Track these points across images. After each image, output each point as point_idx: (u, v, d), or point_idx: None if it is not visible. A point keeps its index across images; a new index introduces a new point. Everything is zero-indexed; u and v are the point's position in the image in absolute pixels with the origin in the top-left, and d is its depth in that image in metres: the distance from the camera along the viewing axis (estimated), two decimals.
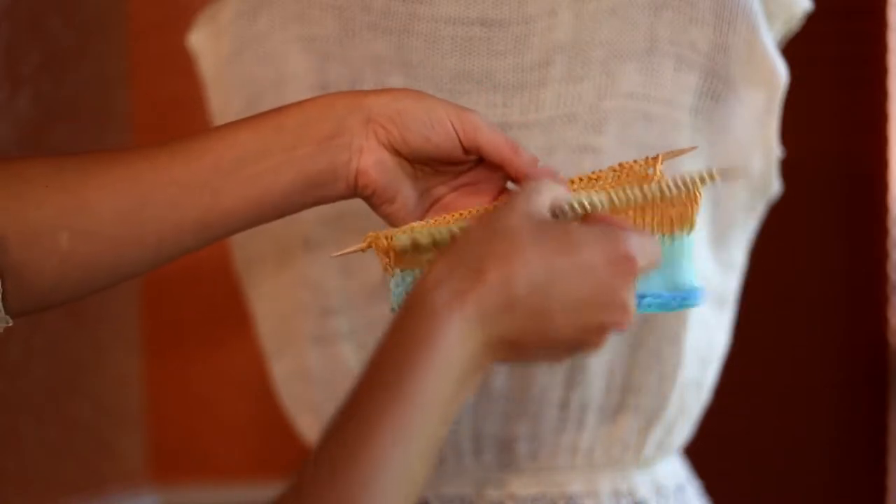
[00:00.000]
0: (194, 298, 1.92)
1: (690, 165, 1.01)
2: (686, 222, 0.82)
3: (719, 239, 1.06)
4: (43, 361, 1.60)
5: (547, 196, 0.75)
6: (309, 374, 1.11)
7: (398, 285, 0.81)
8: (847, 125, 1.75)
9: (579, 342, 0.73)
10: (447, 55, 1.01)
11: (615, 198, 0.77)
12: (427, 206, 0.86)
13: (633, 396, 1.06)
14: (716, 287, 1.09)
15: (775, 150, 1.06)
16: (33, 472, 1.59)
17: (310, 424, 1.13)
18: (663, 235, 0.82)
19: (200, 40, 1.12)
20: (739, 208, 1.07)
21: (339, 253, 0.84)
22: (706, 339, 1.09)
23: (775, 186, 1.08)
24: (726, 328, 1.12)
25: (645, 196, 0.78)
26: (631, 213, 0.81)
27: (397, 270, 0.81)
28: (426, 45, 1.01)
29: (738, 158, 1.05)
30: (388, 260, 0.81)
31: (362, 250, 0.83)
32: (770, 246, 1.23)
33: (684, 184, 0.79)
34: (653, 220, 0.82)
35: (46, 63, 1.59)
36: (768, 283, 1.61)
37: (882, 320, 1.77)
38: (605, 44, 1.00)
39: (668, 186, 0.79)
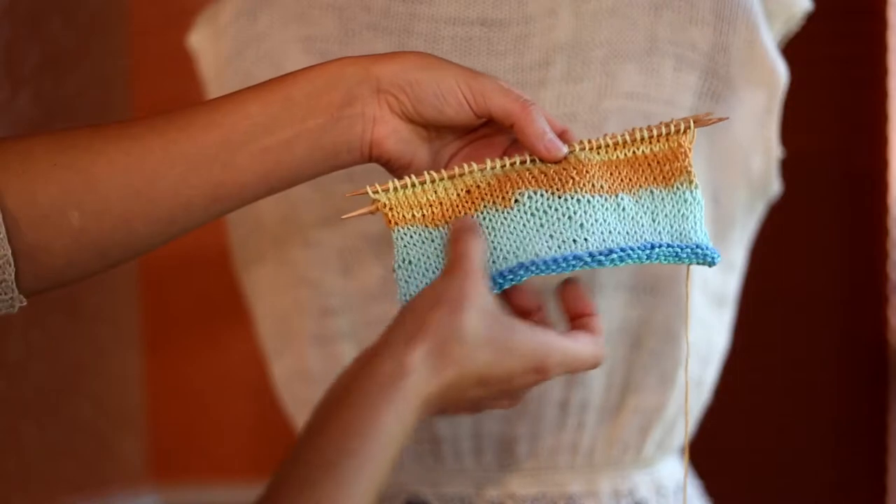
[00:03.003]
0: (194, 298, 1.92)
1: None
2: (682, 174, 0.84)
3: (719, 239, 1.06)
4: (43, 361, 1.60)
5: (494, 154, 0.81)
6: (309, 374, 1.11)
7: (399, 240, 0.83)
8: (847, 125, 1.75)
9: (481, 408, 0.84)
10: (447, 55, 1.01)
11: (600, 156, 0.84)
12: (443, 163, 0.86)
13: (633, 396, 1.06)
14: (716, 287, 1.09)
15: (775, 150, 1.06)
16: (33, 472, 1.59)
17: None
18: (661, 188, 0.84)
19: (200, 40, 1.12)
20: (739, 208, 1.07)
21: (348, 216, 0.84)
22: (706, 339, 1.09)
23: (775, 186, 1.08)
24: (726, 328, 1.12)
25: (616, 145, 0.84)
26: (624, 170, 0.84)
27: (397, 227, 0.82)
28: (426, 45, 1.01)
29: (737, 158, 1.05)
30: (387, 217, 0.82)
31: (372, 213, 0.83)
32: (770, 246, 1.24)
33: (659, 134, 0.84)
34: (646, 175, 0.85)
35: (46, 63, 1.59)
36: (768, 283, 1.61)
37: (882, 320, 1.77)
38: (605, 44, 1.00)
39: (642, 133, 0.84)
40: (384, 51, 1.01)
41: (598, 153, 0.84)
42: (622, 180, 0.84)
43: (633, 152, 0.85)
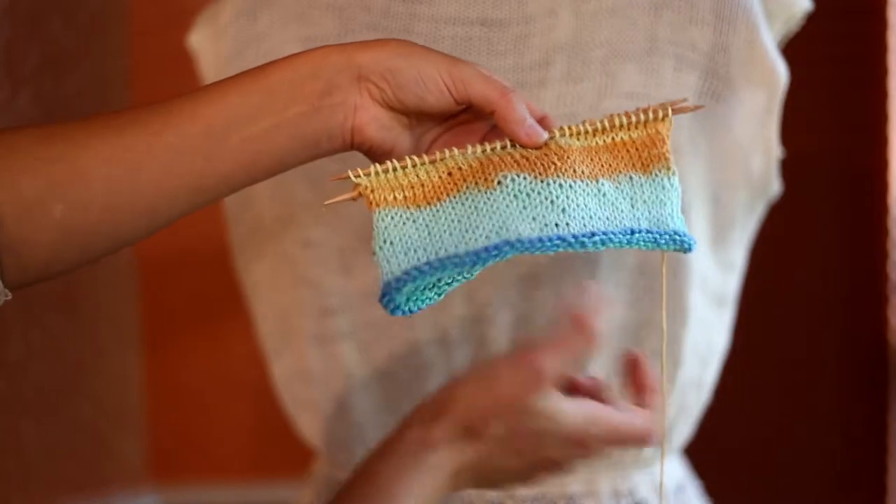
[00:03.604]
0: (194, 298, 1.92)
1: (691, 166, 1.01)
2: (660, 161, 0.85)
3: (719, 239, 1.06)
4: (43, 361, 1.60)
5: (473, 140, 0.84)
6: (309, 374, 1.11)
7: (380, 222, 0.82)
8: (847, 125, 1.75)
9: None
10: None
11: (578, 140, 0.85)
12: (424, 149, 0.86)
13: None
14: (716, 287, 1.09)
15: (775, 150, 1.06)
16: (33, 472, 1.59)
17: (310, 424, 1.13)
18: (640, 174, 0.85)
19: (200, 40, 1.12)
20: (739, 208, 1.07)
21: (330, 202, 0.83)
22: (706, 339, 1.09)
23: (775, 186, 1.08)
24: (726, 328, 1.11)
25: (595, 131, 0.85)
26: (604, 156, 0.85)
27: (378, 209, 0.82)
28: (426, 45, 1.01)
29: (738, 158, 1.05)
30: (368, 199, 0.82)
31: (354, 199, 0.83)
32: (770, 246, 1.23)
33: (637, 120, 0.85)
34: (625, 161, 0.85)
35: (46, 63, 1.59)
36: (768, 283, 1.61)
37: (882, 320, 1.77)
38: (605, 44, 1.00)
39: (620, 119, 0.85)
40: None
41: (578, 139, 0.85)
42: (602, 166, 0.85)
43: (612, 138, 0.85)
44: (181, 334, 1.94)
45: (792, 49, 1.08)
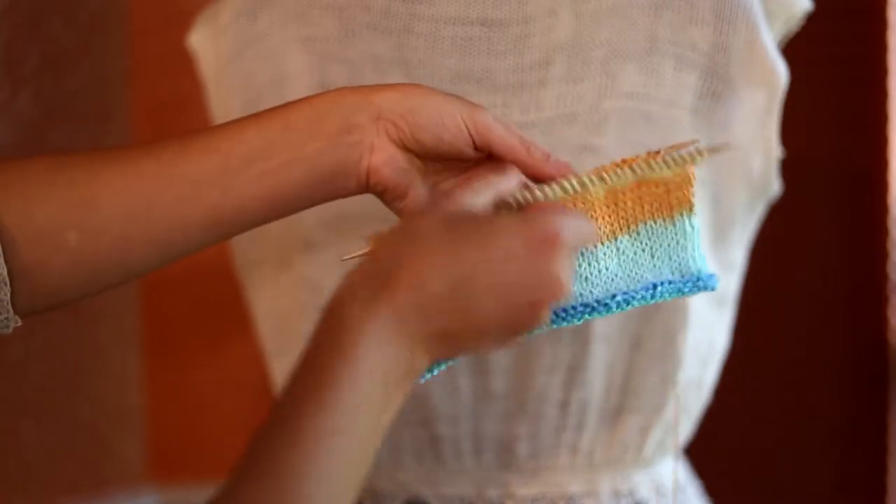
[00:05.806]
0: (194, 299, 1.92)
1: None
2: (684, 204, 0.83)
3: (719, 239, 1.06)
4: (43, 361, 1.60)
5: (486, 195, 0.78)
6: None
7: None
8: (847, 125, 1.75)
9: (513, 324, 0.74)
10: (447, 55, 1.01)
11: (588, 181, 0.81)
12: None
13: (633, 397, 1.06)
14: None
15: (775, 150, 1.06)
16: (33, 472, 1.59)
17: None
18: (664, 220, 0.84)
19: (200, 40, 1.12)
20: (739, 208, 1.07)
21: (348, 257, 0.83)
22: (706, 339, 1.09)
23: (775, 186, 1.08)
24: (726, 328, 1.12)
25: (633, 174, 0.82)
26: (629, 201, 0.83)
27: None
28: (426, 45, 1.01)
29: (737, 158, 1.05)
30: None
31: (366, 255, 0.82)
32: (770, 246, 1.24)
33: (673, 161, 0.82)
34: (650, 205, 0.84)
35: (46, 63, 1.59)
36: (768, 283, 1.61)
37: (882, 320, 1.77)
38: (605, 44, 1.00)
39: (656, 164, 0.82)
40: (384, 50, 1.01)
41: (603, 181, 0.82)
42: (625, 216, 0.83)
43: (640, 177, 0.83)
44: (181, 334, 1.94)
45: (792, 49, 1.08)
